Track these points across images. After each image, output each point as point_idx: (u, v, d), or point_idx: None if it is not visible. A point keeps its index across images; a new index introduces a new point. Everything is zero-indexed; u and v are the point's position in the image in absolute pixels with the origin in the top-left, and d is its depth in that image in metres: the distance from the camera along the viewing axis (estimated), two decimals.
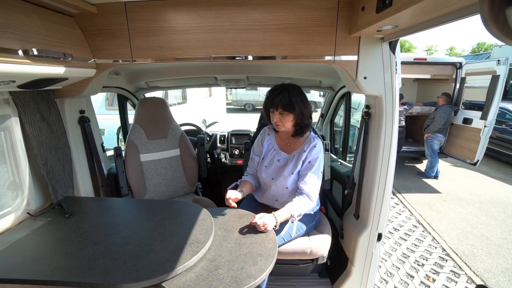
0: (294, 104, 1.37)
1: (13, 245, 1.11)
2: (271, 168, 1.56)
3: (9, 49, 0.91)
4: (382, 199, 1.48)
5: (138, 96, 2.49)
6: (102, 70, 1.40)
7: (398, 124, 1.43)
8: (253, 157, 1.66)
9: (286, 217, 1.38)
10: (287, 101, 1.36)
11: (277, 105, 1.38)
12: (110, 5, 1.27)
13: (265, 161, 1.60)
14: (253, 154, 1.66)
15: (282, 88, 1.40)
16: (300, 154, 1.48)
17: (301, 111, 1.40)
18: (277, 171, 1.54)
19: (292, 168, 1.49)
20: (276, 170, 1.55)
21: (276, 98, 1.38)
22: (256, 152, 1.65)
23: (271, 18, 1.24)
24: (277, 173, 1.53)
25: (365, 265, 1.61)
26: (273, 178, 1.54)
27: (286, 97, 1.36)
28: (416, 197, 4.22)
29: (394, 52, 1.31)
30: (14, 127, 1.30)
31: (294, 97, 1.38)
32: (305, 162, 1.48)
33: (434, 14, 0.85)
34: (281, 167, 1.54)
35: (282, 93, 1.37)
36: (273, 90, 1.42)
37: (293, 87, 1.43)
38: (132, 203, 1.58)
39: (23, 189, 1.36)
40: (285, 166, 1.52)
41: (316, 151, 1.47)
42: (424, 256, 2.81)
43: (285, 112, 1.38)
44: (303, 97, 1.43)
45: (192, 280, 0.94)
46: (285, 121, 1.40)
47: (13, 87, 1.13)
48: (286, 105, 1.36)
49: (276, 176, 1.54)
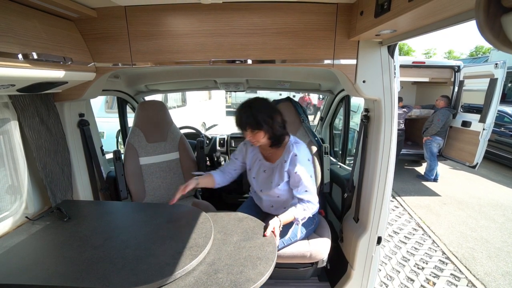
0: (260, 122, 1.35)
1: (10, 250, 1.10)
2: (259, 179, 1.58)
3: (9, 53, 0.91)
4: (381, 202, 1.48)
5: (137, 99, 2.50)
6: (101, 73, 1.40)
7: (397, 127, 1.43)
8: (233, 159, 1.66)
9: (290, 219, 1.39)
10: (253, 121, 1.34)
11: (245, 125, 1.37)
12: (110, 9, 1.28)
13: (252, 172, 1.61)
14: (233, 157, 1.67)
15: (246, 107, 1.37)
16: (282, 165, 1.46)
17: (270, 126, 1.37)
18: (265, 182, 1.55)
19: (277, 180, 1.48)
20: (263, 181, 1.56)
21: (242, 118, 1.36)
22: (237, 156, 1.66)
23: (270, 22, 1.25)
24: (265, 184, 1.55)
25: (365, 268, 1.60)
26: (262, 190, 1.57)
27: (251, 117, 1.34)
28: (415, 200, 4.22)
29: (393, 56, 1.32)
30: (13, 131, 1.30)
31: (260, 114, 1.35)
32: (292, 174, 1.44)
33: (431, 19, 0.86)
34: (267, 178, 1.54)
35: (247, 113, 1.35)
36: (239, 110, 1.40)
37: (258, 102, 1.40)
38: (131, 207, 1.57)
39: (21, 193, 1.35)
40: (271, 176, 1.52)
41: (299, 160, 1.42)
42: (424, 260, 2.80)
43: (255, 131, 1.37)
44: (270, 110, 1.40)
45: (191, 284, 0.93)
46: (258, 137, 1.40)
47: (12, 90, 1.14)
48: (253, 124, 1.35)
49: (264, 187, 1.56)
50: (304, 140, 1.98)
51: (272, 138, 1.43)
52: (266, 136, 1.40)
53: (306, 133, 1.99)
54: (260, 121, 1.34)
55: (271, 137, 1.42)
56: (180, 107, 6.36)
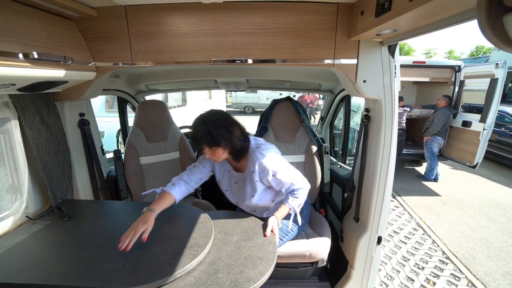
0: (217, 138, 1.25)
1: (11, 249, 1.11)
2: (233, 192, 1.49)
3: (10, 52, 0.91)
4: (382, 202, 1.48)
5: (138, 99, 2.50)
6: (102, 73, 1.40)
7: (397, 127, 1.43)
8: (200, 167, 1.47)
9: (286, 212, 1.40)
10: (209, 137, 1.24)
11: (200, 142, 1.27)
12: (111, 8, 1.28)
13: (223, 185, 1.51)
14: (200, 164, 1.48)
15: (201, 123, 1.27)
16: (251, 176, 1.37)
17: (228, 141, 1.27)
18: (239, 194, 1.47)
19: (250, 191, 1.41)
20: (237, 192, 1.48)
21: (197, 135, 1.26)
22: (205, 163, 1.48)
23: (271, 22, 1.25)
24: (240, 196, 1.47)
25: (365, 268, 1.60)
26: (238, 202, 1.50)
27: (207, 134, 1.24)
28: (415, 200, 4.21)
29: (393, 56, 1.32)
30: (13, 130, 1.30)
31: (215, 130, 1.24)
32: (270, 180, 1.35)
33: (432, 19, 0.86)
34: (240, 189, 1.46)
35: (202, 129, 1.25)
36: (193, 126, 1.29)
37: (213, 117, 1.29)
38: (131, 206, 1.57)
39: (22, 192, 1.35)
40: (243, 187, 1.43)
41: (269, 163, 1.33)
42: (424, 259, 2.80)
43: (212, 147, 1.27)
44: (227, 123, 1.29)
45: (191, 284, 0.93)
46: (217, 154, 1.30)
47: (13, 90, 1.14)
48: (210, 141, 1.25)
49: (239, 200, 1.49)
50: (304, 140, 1.99)
51: (232, 152, 1.33)
52: (226, 151, 1.31)
53: (306, 133, 1.99)
54: (217, 137, 1.24)
55: (231, 152, 1.32)
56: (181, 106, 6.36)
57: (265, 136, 2.02)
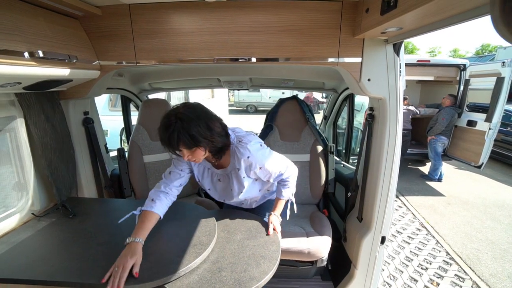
0: (197, 138, 1.04)
1: (17, 246, 1.12)
2: (217, 190, 1.37)
3: (16, 51, 0.92)
4: (385, 202, 1.47)
5: (141, 98, 2.51)
6: (106, 71, 1.41)
7: (403, 127, 1.42)
8: (177, 172, 1.29)
9: (283, 205, 1.39)
10: (187, 139, 1.03)
11: (176, 145, 1.05)
12: (115, 7, 1.28)
13: (205, 184, 1.36)
14: (176, 170, 1.29)
15: (175, 121, 1.03)
16: (237, 173, 1.25)
17: (209, 140, 1.09)
18: (224, 192, 1.35)
19: (238, 188, 1.29)
20: (222, 191, 1.36)
21: (171, 137, 1.03)
22: (181, 167, 1.30)
23: (275, 20, 1.25)
24: (226, 194, 1.35)
25: (369, 268, 1.59)
26: (225, 199, 1.39)
27: (184, 134, 1.03)
28: (419, 200, 4.18)
29: (398, 54, 1.30)
30: (19, 128, 1.31)
31: (195, 128, 1.04)
32: (258, 173, 1.26)
33: (440, 16, 0.85)
34: (225, 187, 1.34)
35: (177, 129, 1.02)
36: (165, 125, 1.05)
37: (189, 112, 1.07)
38: (135, 204, 1.58)
39: (27, 190, 1.37)
40: (229, 185, 1.31)
41: (255, 158, 1.21)
42: (428, 260, 2.78)
43: (192, 148, 1.07)
44: (206, 118, 1.10)
45: (195, 282, 0.94)
46: (197, 155, 1.11)
47: (18, 88, 1.15)
48: (189, 143, 1.04)
49: (226, 197, 1.37)
50: (309, 139, 1.98)
51: (213, 151, 1.15)
52: (207, 151, 1.12)
53: (311, 132, 1.99)
54: (197, 136, 1.04)
55: (212, 150, 1.14)
56: None
57: (271, 135, 2.02)
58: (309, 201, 1.99)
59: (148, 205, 1.17)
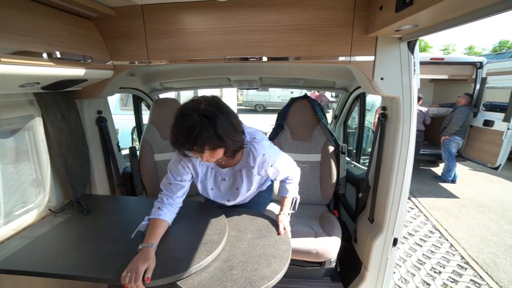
0: (223, 137, 0.97)
1: (36, 240, 1.16)
2: (221, 189, 1.31)
3: (36, 52, 0.95)
4: (398, 203, 1.44)
5: (152, 97, 2.54)
6: (119, 71, 1.43)
7: (415, 126, 1.38)
8: (177, 184, 1.21)
9: (290, 203, 1.38)
10: (214, 138, 0.95)
11: (202, 145, 0.95)
12: (128, 8, 1.31)
13: (207, 184, 1.30)
14: (175, 181, 1.21)
15: (200, 121, 0.93)
16: (250, 171, 1.21)
17: (233, 139, 1.02)
18: (230, 191, 1.31)
19: (247, 185, 1.25)
20: (228, 190, 1.31)
21: (198, 140, 0.94)
22: (181, 177, 1.22)
23: (287, 19, 1.24)
24: (232, 193, 1.31)
25: (380, 270, 1.57)
26: (229, 200, 1.32)
27: (211, 134, 0.94)
28: (432, 202, 4.07)
29: (413, 52, 1.27)
30: (37, 127, 1.35)
31: (221, 126, 0.96)
32: (267, 169, 1.23)
33: (459, 12, 0.82)
34: (232, 185, 1.29)
35: (204, 130, 0.93)
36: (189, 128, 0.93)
37: (215, 109, 0.98)
38: (146, 202, 1.61)
39: (45, 186, 1.41)
40: (235, 183, 1.28)
41: (269, 157, 1.19)
42: (441, 264, 2.70)
43: (216, 149, 1.00)
44: (229, 114, 1.02)
45: (206, 279, 0.94)
46: (218, 154, 1.04)
47: (37, 88, 1.19)
48: (214, 143, 0.97)
49: (231, 196, 1.31)
50: (320, 139, 1.96)
51: (230, 151, 1.07)
52: (225, 151, 1.05)
53: (323, 132, 1.97)
54: (223, 135, 0.96)
55: (230, 150, 1.06)
56: None
57: (282, 134, 2.01)
58: (319, 202, 1.98)
59: (155, 213, 1.13)
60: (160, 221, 1.11)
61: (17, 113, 1.25)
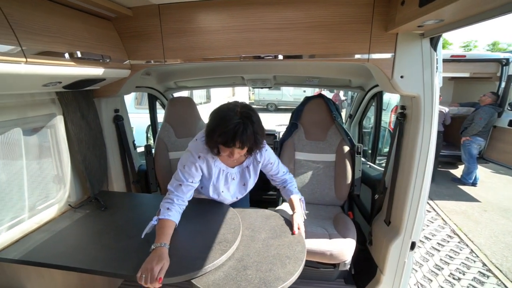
0: (260, 141, 1.14)
1: (57, 234, 1.20)
2: (231, 189, 1.40)
3: (59, 52, 0.98)
4: (417, 206, 1.39)
5: (166, 96, 2.58)
6: (136, 70, 1.46)
7: (437, 126, 1.33)
8: (187, 184, 1.23)
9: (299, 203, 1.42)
10: (254, 141, 1.11)
11: (242, 143, 1.09)
12: (145, 8, 1.33)
13: (219, 186, 1.35)
14: (187, 182, 1.23)
15: (248, 124, 1.08)
16: (256, 166, 1.38)
17: (262, 135, 1.17)
18: (238, 188, 1.42)
19: (254, 178, 1.41)
20: (237, 187, 1.41)
21: (240, 135, 1.07)
22: (192, 178, 1.25)
23: (303, 16, 1.22)
24: (239, 190, 1.43)
25: (396, 274, 1.52)
26: (238, 197, 1.45)
27: (251, 134, 1.09)
28: (450, 205, 3.91)
29: (436, 49, 1.22)
30: (58, 125, 1.40)
31: (259, 132, 1.13)
32: (266, 165, 1.39)
33: (490, 5, 0.77)
34: (239, 182, 1.40)
35: (249, 132, 1.08)
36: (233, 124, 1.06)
37: (254, 114, 1.13)
38: (160, 200, 1.63)
39: (65, 182, 1.46)
40: (242, 179, 1.39)
41: (268, 153, 1.37)
42: (461, 270, 2.59)
43: (245, 149, 1.15)
44: (259, 121, 1.17)
45: (221, 278, 0.94)
46: (242, 154, 1.20)
47: (59, 87, 1.22)
48: (253, 144, 1.13)
49: (239, 193, 1.43)
50: (335, 139, 1.92)
51: (259, 147, 1.21)
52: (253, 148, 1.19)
53: (338, 132, 1.93)
54: (260, 139, 1.14)
55: (258, 147, 1.20)
56: (205, 103, 6.48)
57: (295, 133, 1.99)
58: (333, 203, 1.94)
59: (165, 214, 1.15)
60: (170, 222, 1.13)
61: (40, 112, 1.30)
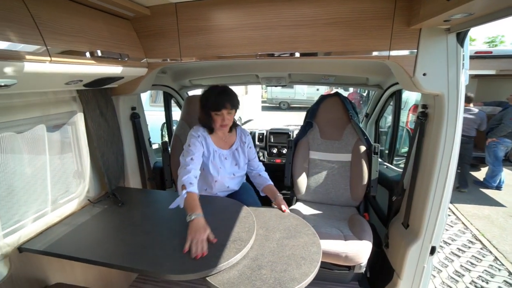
0: (238, 99, 1.47)
1: (77, 228, 1.25)
2: (226, 167, 1.60)
3: (81, 51, 1.01)
4: (438, 209, 1.32)
5: (181, 94, 2.61)
6: (152, 69, 1.48)
7: (461, 127, 1.26)
8: (195, 156, 1.39)
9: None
10: (234, 99, 1.44)
11: (226, 105, 1.40)
12: (162, 6, 1.34)
13: (216, 164, 1.56)
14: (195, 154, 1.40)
15: (225, 88, 1.45)
16: (243, 148, 1.63)
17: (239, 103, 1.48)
18: (231, 167, 1.62)
19: (243, 159, 1.64)
20: (230, 166, 1.62)
21: (224, 98, 1.40)
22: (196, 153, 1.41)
23: (322, 13, 1.18)
24: (232, 169, 1.62)
25: (415, 279, 1.46)
26: (234, 173, 1.63)
27: (233, 95, 1.44)
28: (472, 209, 3.74)
29: (463, 45, 1.15)
30: (79, 122, 1.45)
31: (234, 93, 1.46)
32: (249, 147, 1.67)
33: None
34: (232, 162, 1.62)
35: (227, 92, 1.43)
36: (218, 92, 1.43)
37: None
38: (175, 196, 1.65)
39: (84, 178, 1.51)
40: (234, 160, 1.62)
41: (249, 138, 1.67)
42: (484, 278, 2.47)
43: (232, 110, 1.44)
44: None
45: (235, 277, 0.94)
46: (231, 118, 1.47)
47: (80, 85, 1.26)
48: (234, 102, 1.44)
49: (233, 171, 1.63)
50: (351, 138, 1.88)
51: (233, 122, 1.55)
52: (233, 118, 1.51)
53: (354, 131, 1.88)
54: (238, 99, 1.47)
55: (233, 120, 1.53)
56: None
57: (310, 132, 1.96)
58: (348, 203, 1.90)
59: (190, 188, 1.27)
60: (195, 194, 1.27)
61: (62, 109, 1.34)
